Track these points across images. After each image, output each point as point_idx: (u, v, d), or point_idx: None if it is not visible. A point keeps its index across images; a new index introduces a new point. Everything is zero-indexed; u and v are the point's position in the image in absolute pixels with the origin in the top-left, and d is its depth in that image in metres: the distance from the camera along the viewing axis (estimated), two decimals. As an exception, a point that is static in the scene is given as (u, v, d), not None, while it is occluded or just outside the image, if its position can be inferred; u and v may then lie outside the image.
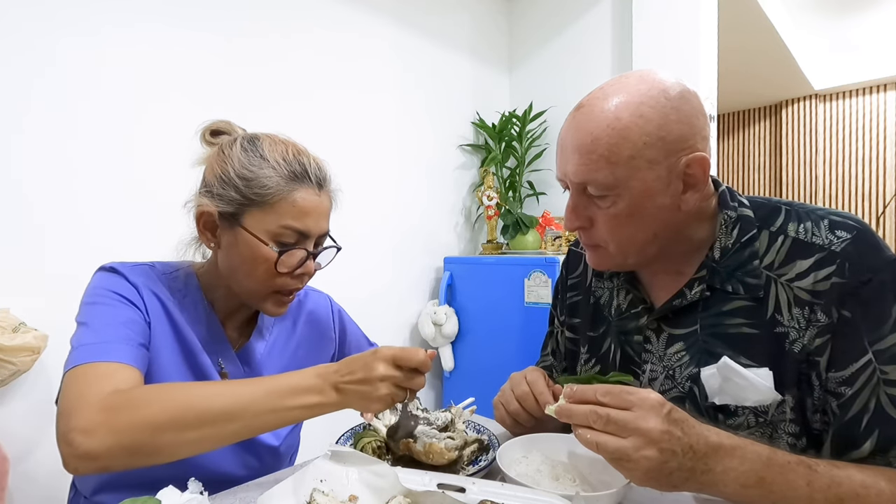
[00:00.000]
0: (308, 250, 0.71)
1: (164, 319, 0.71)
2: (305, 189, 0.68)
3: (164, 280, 0.74)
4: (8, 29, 1.14)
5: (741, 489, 0.49)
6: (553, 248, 2.14)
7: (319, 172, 0.71)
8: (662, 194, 0.62)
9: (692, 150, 0.61)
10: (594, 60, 2.24)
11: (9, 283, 1.15)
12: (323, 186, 0.71)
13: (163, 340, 0.70)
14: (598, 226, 0.66)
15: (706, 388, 0.64)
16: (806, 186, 4.28)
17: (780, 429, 0.61)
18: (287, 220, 0.67)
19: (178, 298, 0.73)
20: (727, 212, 0.67)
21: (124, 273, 0.70)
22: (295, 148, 0.71)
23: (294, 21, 1.70)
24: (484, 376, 2.02)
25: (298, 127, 1.71)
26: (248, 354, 0.79)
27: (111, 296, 0.67)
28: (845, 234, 0.59)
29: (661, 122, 0.59)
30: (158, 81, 1.38)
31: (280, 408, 0.57)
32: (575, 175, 0.63)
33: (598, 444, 0.49)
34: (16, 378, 1.11)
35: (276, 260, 0.68)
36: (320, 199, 0.70)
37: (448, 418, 0.72)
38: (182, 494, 0.51)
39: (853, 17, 3.46)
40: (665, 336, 0.69)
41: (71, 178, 1.24)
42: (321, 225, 0.71)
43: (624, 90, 0.61)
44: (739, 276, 0.64)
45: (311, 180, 0.69)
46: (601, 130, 0.60)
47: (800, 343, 0.59)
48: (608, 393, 0.50)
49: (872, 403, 0.56)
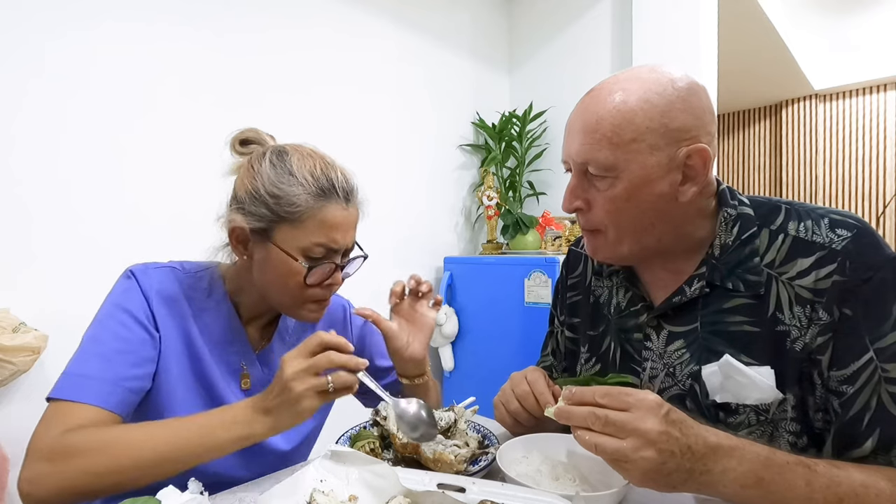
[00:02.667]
0: (336, 263, 0.72)
1: (177, 325, 0.72)
2: (333, 205, 0.69)
3: (188, 280, 0.75)
4: (4, 28, 1.14)
5: (740, 489, 0.49)
6: (553, 248, 2.14)
7: (347, 186, 0.72)
8: (661, 182, 0.62)
9: (695, 142, 0.61)
10: (594, 60, 2.24)
11: (9, 283, 1.15)
12: (350, 199, 0.72)
13: (173, 347, 0.71)
14: (595, 209, 0.66)
15: (707, 386, 0.64)
16: (806, 186, 4.28)
17: (781, 427, 0.61)
18: (316, 237, 0.69)
19: (201, 298, 0.75)
20: (727, 209, 0.67)
21: (140, 280, 0.71)
22: (323, 162, 0.72)
23: (294, 20, 1.70)
24: (484, 376, 2.02)
25: (298, 127, 1.71)
26: (268, 356, 0.80)
27: (117, 314, 0.68)
28: (846, 233, 0.59)
29: (666, 109, 0.60)
30: (158, 80, 1.38)
31: (213, 444, 0.59)
32: (577, 154, 0.64)
33: (596, 445, 0.49)
34: (16, 378, 1.11)
35: (306, 274, 0.69)
36: (348, 212, 0.71)
37: (451, 418, 0.72)
38: (182, 494, 0.51)
39: (853, 16, 3.46)
40: (665, 333, 0.69)
41: (70, 178, 1.24)
42: (348, 238, 0.72)
43: (634, 77, 0.63)
44: (740, 274, 0.64)
45: (338, 195, 0.70)
46: (606, 112, 0.61)
47: (801, 342, 0.59)
48: (606, 394, 0.50)
49: (874, 402, 0.56)
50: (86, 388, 0.62)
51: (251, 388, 0.77)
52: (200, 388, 0.73)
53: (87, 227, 1.26)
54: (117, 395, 0.64)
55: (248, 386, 0.77)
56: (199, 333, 0.73)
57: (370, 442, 0.69)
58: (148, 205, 1.36)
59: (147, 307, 0.70)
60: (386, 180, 2.03)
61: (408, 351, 0.80)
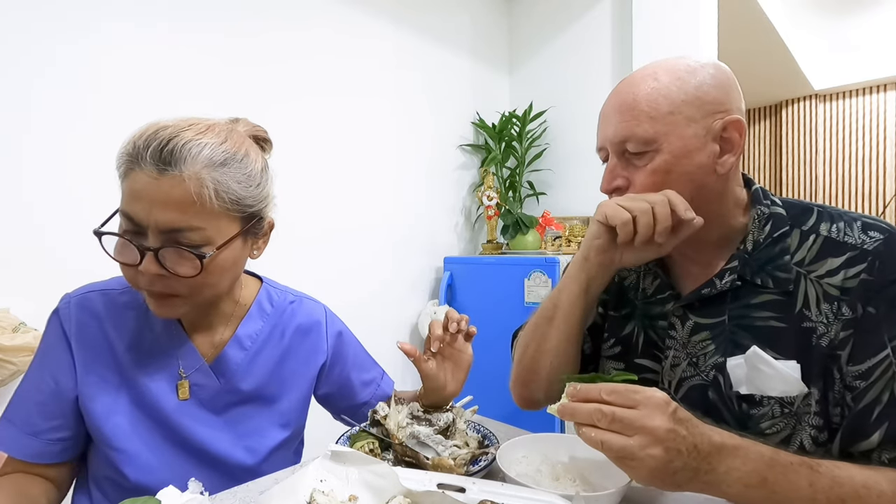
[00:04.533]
0: (127, 239, 0.61)
1: (103, 345, 0.71)
2: (138, 172, 0.60)
3: (122, 299, 0.73)
4: (8, 30, 1.14)
5: (744, 489, 0.49)
6: (553, 248, 2.14)
7: (163, 154, 0.59)
8: (699, 153, 0.63)
9: (728, 114, 0.63)
10: (594, 60, 2.24)
11: (9, 283, 1.15)
12: (167, 171, 0.59)
13: (99, 374, 0.70)
14: (635, 186, 0.66)
15: (731, 378, 0.64)
16: (806, 186, 4.27)
17: (804, 421, 0.61)
18: (123, 203, 0.62)
19: (131, 317, 0.73)
20: (760, 207, 0.68)
21: (61, 312, 0.72)
22: (157, 127, 0.62)
23: (293, 21, 1.70)
24: (483, 376, 2.01)
25: (298, 126, 1.72)
26: (222, 365, 0.75)
27: (41, 357, 0.72)
28: (878, 235, 0.61)
29: (699, 84, 0.63)
30: (158, 81, 1.38)
31: None
32: (615, 134, 0.65)
33: (602, 442, 0.48)
34: (16, 378, 1.11)
35: (100, 238, 0.63)
36: (158, 183, 0.59)
37: (450, 418, 0.72)
38: (182, 494, 0.51)
39: (853, 17, 3.46)
40: (690, 324, 0.69)
41: (71, 178, 1.24)
42: (156, 216, 0.59)
43: (663, 62, 0.66)
44: (770, 270, 0.65)
45: (146, 162, 0.59)
46: (641, 90, 0.64)
47: (827, 338, 0.60)
48: (613, 391, 0.50)
49: (885, 396, 0.56)
50: (8, 438, 0.68)
51: (190, 397, 0.73)
52: (136, 407, 0.71)
53: (87, 228, 1.26)
54: (34, 447, 0.69)
55: (185, 396, 0.72)
56: (125, 351, 0.71)
57: (370, 442, 0.69)
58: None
59: (64, 340, 0.70)
60: (386, 180, 2.03)
61: (446, 391, 0.76)
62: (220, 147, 0.63)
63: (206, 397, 0.74)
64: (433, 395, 0.77)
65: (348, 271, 1.87)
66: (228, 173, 0.63)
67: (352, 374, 0.89)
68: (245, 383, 0.76)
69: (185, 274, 0.62)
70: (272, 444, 0.79)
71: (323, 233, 1.80)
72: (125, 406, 0.71)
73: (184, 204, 0.60)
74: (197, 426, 0.73)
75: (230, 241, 0.65)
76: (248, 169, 0.66)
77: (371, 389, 0.90)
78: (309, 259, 1.75)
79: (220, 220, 0.63)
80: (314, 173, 1.77)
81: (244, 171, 0.65)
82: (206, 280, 0.64)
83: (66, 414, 0.70)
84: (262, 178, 0.68)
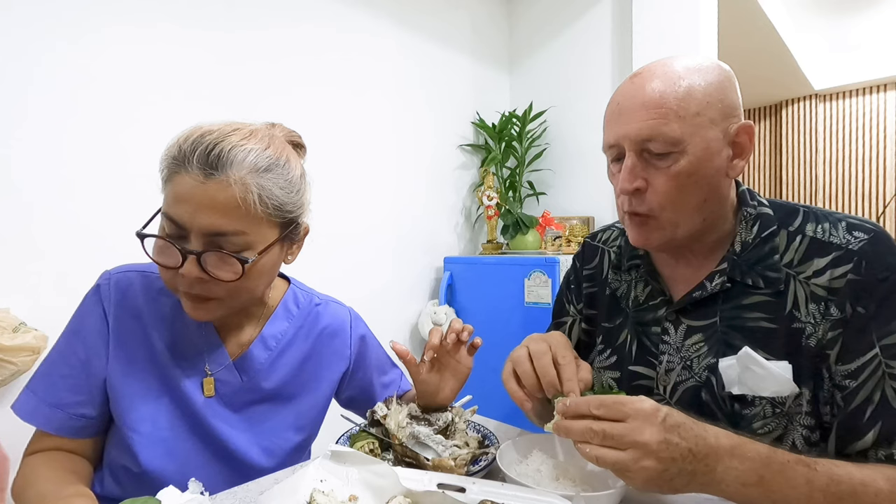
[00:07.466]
0: (172, 243, 0.61)
1: (136, 333, 0.71)
2: (184, 175, 0.60)
3: (160, 282, 0.72)
4: (3, 31, 1.14)
5: (741, 488, 0.50)
6: (553, 248, 2.14)
7: (209, 158, 0.59)
8: (718, 156, 0.63)
9: (740, 119, 0.64)
10: (594, 60, 2.24)
11: (9, 283, 1.15)
12: (213, 175, 0.59)
13: (131, 356, 0.70)
14: (654, 188, 0.64)
15: (723, 378, 0.65)
16: (806, 186, 4.27)
17: (796, 421, 0.62)
18: (166, 206, 0.62)
19: (175, 301, 0.72)
20: (747, 209, 0.68)
21: (102, 289, 0.71)
22: (202, 131, 0.63)
23: (293, 20, 1.70)
24: (483, 376, 2.01)
25: (297, 126, 1.71)
26: (246, 364, 0.75)
27: (75, 329, 0.71)
28: (863, 235, 0.61)
29: (720, 86, 0.62)
30: (156, 79, 1.38)
31: None
32: (639, 131, 0.62)
33: (597, 458, 0.50)
34: (16, 378, 1.11)
35: (142, 240, 0.63)
36: (205, 187, 0.59)
37: (449, 418, 0.72)
38: (182, 494, 0.51)
39: (853, 17, 3.46)
40: (683, 328, 0.70)
41: (70, 178, 1.24)
42: (200, 220, 0.60)
43: (680, 58, 0.64)
44: (760, 270, 0.65)
45: (192, 166, 0.59)
46: (667, 87, 0.61)
47: (815, 338, 0.61)
48: (601, 405, 0.51)
49: (877, 395, 0.57)
50: (31, 407, 0.68)
51: (215, 394, 0.73)
52: (163, 396, 0.71)
53: (87, 227, 1.26)
54: (56, 419, 0.68)
55: (210, 393, 0.72)
56: (158, 339, 0.71)
57: (370, 442, 0.69)
58: (148, 205, 1.35)
59: (103, 317, 0.70)
60: (386, 180, 2.03)
61: (438, 397, 0.76)
62: (265, 153, 0.63)
63: (228, 394, 0.74)
64: (424, 399, 0.77)
65: (348, 271, 1.87)
66: (272, 179, 0.63)
67: (374, 378, 0.89)
68: (267, 382, 0.77)
69: (226, 278, 0.62)
70: (288, 447, 0.79)
71: (323, 233, 1.79)
72: (154, 394, 0.71)
73: (228, 208, 0.60)
74: (218, 423, 0.73)
75: (270, 246, 0.66)
76: (290, 175, 0.66)
77: (391, 391, 0.90)
78: (309, 259, 1.74)
79: (261, 225, 0.64)
80: (314, 173, 1.76)
81: (286, 177, 0.66)
82: (244, 284, 0.64)
83: (91, 390, 0.69)
84: (301, 185, 0.69)
